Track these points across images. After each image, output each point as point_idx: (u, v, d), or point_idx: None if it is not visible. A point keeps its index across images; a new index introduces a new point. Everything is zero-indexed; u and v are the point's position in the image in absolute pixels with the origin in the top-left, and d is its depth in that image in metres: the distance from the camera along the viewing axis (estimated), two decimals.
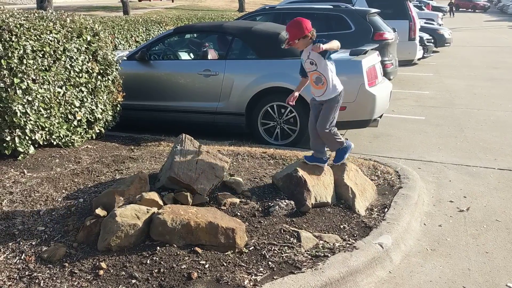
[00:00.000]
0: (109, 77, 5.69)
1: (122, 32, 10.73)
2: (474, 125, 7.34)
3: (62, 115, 5.04)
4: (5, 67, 4.36)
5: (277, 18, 9.56)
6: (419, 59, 14.29)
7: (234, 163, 4.76)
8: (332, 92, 3.99)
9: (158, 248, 3.15)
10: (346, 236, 3.51)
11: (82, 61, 5.26)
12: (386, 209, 3.99)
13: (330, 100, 4.00)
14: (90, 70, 5.39)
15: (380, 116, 6.19)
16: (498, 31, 28.13)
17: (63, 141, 5.04)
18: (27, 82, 4.54)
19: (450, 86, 10.84)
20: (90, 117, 5.43)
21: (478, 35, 25.20)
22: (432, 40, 15.72)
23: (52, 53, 4.86)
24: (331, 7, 9.55)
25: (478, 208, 4.33)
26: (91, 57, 5.44)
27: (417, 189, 4.44)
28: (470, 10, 50.29)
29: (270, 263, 3.10)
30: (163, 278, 2.89)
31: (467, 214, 4.21)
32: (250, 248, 3.26)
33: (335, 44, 3.84)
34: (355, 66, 5.80)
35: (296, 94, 4.24)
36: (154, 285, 2.83)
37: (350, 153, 4.34)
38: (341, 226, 3.66)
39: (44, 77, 4.74)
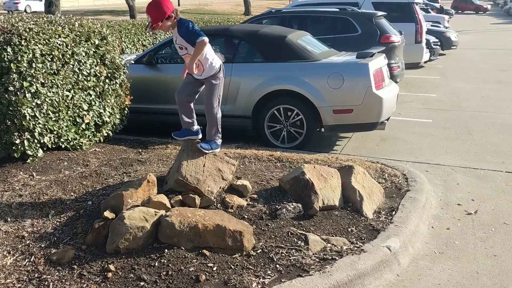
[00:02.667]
0: (116, 80, 5.73)
1: (129, 36, 10.79)
2: (482, 128, 7.31)
3: (71, 119, 5.08)
4: (14, 71, 4.40)
5: (283, 22, 9.58)
6: (425, 62, 14.24)
7: (241, 166, 4.77)
8: (209, 71, 3.90)
9: (166, 250, 3.17)
10: (354, 239, 3.50)
11: (90, 64, 5.30)
12: (394, 212, 3.98)
13: (209, 77, 3.93)
14: (98, 74, 5.42)
15: (387, 119, 6.19)
16: (505, 33, 28.01)
17: (71, 144, 5.07)
18: (36, 86, 4.57)
19: (457, 89, 10.80)
20: (98, 120, 5.46)
21: (485, 37, 25.10)
22: (439, 43, 15.67)
23: (61, 57, 4.90)
24: (338, 10, 9.56)
25: (486, 211, 4.31)
26: (99, 60, 5.47)
27: (425, 192, 4.43)
28: (472, 12, 50.08)
29: (277, 266, 3.10)
30: (171, 281, 2.90)
31: (475, 217, 4.19)
32: (258, 251, 3.26)
33: (199, 51, 3.72)
34: (362, 69, 5.80)
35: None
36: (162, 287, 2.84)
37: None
38: (349, 229, 3.66)
39: (52, 80, 4.78)
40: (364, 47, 6.79)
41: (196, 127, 4.21)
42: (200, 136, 4.20)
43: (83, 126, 5.23)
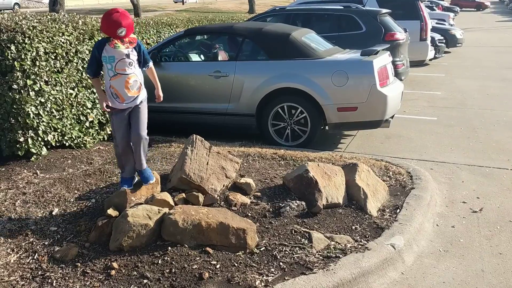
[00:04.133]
0: None
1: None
2: (487, 125, 7.27)
3: (74, 117, 5.08)
4: (18, 69, 4.41)
5: (288, 19, 9.55)
6: (430, 60, 14.17)
7: (245, 164, 4.76)
8: (143, 92, 3.61)
9: (169, 248, 3.16)
10: (358, 237, 3.49)
11: None
12: (398, 210, 3.96)
13: (143, 102, 3.60)
14: (102, 72, 5.42)
15: (392, 117, 6.15)
16: (511, 31, 27.85)
17: (75, 142, 5.08)
18: (40, 84, 4.58)
19: (462, 86, 10.75)
20: (102, 119, 5.47)
21: (490, 35, 24.96)
22: (444, 41, 15.59)
23: (65, 55, 4.91)
24: (342, 7, 9.52)
25: (492, 209, 4.28)
26: None
27: (430, 190, 4.40)
28: (473, 9, 49.74)
29: (281, 263, 3.09)
30: (174, 278, 2.90)
31: (480, 215, 4.16)
32: (261, 249, 3.25)
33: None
34: (366, 67, 5.77)
35: (106, 97, 3.54)
36: (165, 285, 2.84)
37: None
38: (353, 227, 3.64)
39: (56, 78, 4.78)
40: (369, 45, 6.76)
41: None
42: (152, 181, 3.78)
43: (87, 124, 5.24)
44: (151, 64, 3.67)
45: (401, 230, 3.60)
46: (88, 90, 5.23)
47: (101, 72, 3.58)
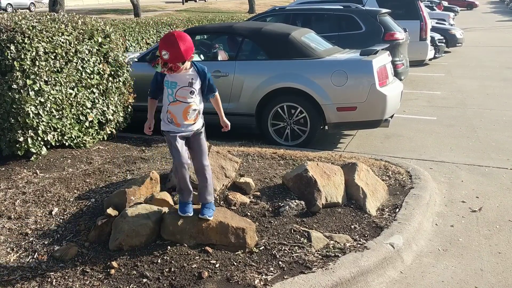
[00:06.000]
0: (120, 78, 5.73)
1: (133, 34, 10.81)
2: (487, 125, 7.27)
3: (74, 116, 5.09)
4: (18, 69, 4.41)
5: (287, 19, 9.56)
6: (430, 60, 14.17)
7: (244, 164, 4.76)
8: (200, 122, 3.31)
9: (169, 247, 3.17)
10: (357, 236, 3.49)
11: (93, 62, 5.31)
12: (397, 209, 3.96)
13: (200, 131, 3.30)
14: (102, 72, 5.43)
15: (391, 117, 6.16)
16: (511, 31, 27.84)
17: (74, 142, 5.09)
18: (40, 84, 4.59)
19: (462, 86, 10.75)
20: (102, 118, 5.47)
21: (490, 35, 24.96)
22: (444, 40, 15.59)
23: (64, 55, 4.91)
24: (342, 7, 9.53)
25: (491, 208, 4.28)
26: (102, 58, 5.48)
27: (429, 189, 4.41)
28: (465, 8, 49.60)
29: (280, 263, 3.09)
30: (174, 277, 2.90)
31: (479, 215, 4.17)
32: (261, 248, 3.26)
33: (220, 104, 3.42)
34: (365, 66, 5.78)
35: (153, 120, 3.44)
36: (165, 284, 2.84)
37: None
38: (352, 226, 3.65)
39: (56, 78, 4.79)
40: (368, 45, 6.76)
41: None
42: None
43: (87, 124, 5.24)
44: (216, 93, 3.32)
45: (400, 230, 3.61)
46: (88, 90, 5.23)
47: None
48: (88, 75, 5.22)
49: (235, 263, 3.06)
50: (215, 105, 3.41)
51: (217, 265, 3.03)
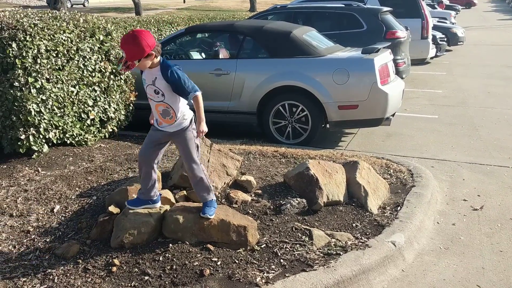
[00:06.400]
0: (121, 76, 5.74)
1: None
2: (488, 123, 7.27)
3: (76, 114, 5.09)
4: (19, 67, 4.42)
5: (289, 17, 9.56)
6: (432, 58, 14.16)
7: (246, 162, 4.76)
8: (179, 125, 3.22)
9: (170, 245, 3.17)
10: (359, 235, 3.49)
11: (95, 60, 5.31)
12: (399, 208, 3.96)
13: (179, 132, 3.23)
14: (103, 70, 5.43)
15: (393, 115, 6.16)
16: None
17: (76, 140, 5.09)
18: (41, 82, 4.59)
19: (463, 85, 10.74)
20: (103, 116, 5.48)
21: (492, 33, 24.92)
22: (445, 39, 15.57)
23: (66, 53, 4.91)
24: (343, 5, 9.52)
25: (492, 207, 4.28)
26: (104, 56, 5.48)
27: (430, 188, 4.41)
28: (463, 7, 49.47)
29: (282, 260, 3.09)
30: (175, 275, 2.90)
31: (481, 213, 4.16)
32: (262, 246, 3.26)
33: (200, 106, 3.21)
34: (367, 64, 5.77)
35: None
36: (166, 282, 2.85)
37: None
38: (354, 225, 3.65)
39: (57, 76, 4.79)
40: (370, 43, 6.76)
41: (156, 194, 3.43)
42: (159, 204, 3.43)
43: (88, 122, 5.25)
44: (196, 94, 3.15)
45: (402, 228, 3.61)
46: (89, 88, 5.24)
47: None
48: (89, 73, 5.23)
49: (237, 261, 3.07)
50: (195, 106, 3.21)
51: (218, 263, 3.03)
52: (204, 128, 3.21)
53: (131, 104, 5.98)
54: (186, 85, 3.08)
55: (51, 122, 4.74)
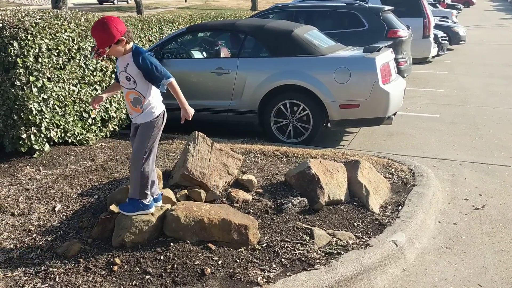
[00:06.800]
0: None
1: (135, 32, 10.77)
2: (490, 123, 7.25)
3: (77, 113, 5.09)
4: (21, 66, 4.42)
5: (290, 16, 9.55)
6: (433, 57, 14.14)
7: (247, 161, 4.76)
8: (147, 116, 3.17)
9: (171, 244, 3.17)
10: (360, 234, 3.49)
11: (96, 59, 5.31)
12: (400, 207, 3.96)
13: (145, 124, 3.19)
14: (104, 69, 5.44)
15: (394, 114, 6.15)
16: None
17: (77, 139, 5.09)
18: (43, 81, 4.59)
19: (465, 84, 10.72)
20: (104, 116, 5.48)
21: (494, 32, 24.87)
22: (447, 38, 15.55)
23: (67, 52, 4.91)
24: (345, 4, 9.51)
25: (494, 206, 4.27)
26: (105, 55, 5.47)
27: (432, 187, 4.40)
28: (462, 6, 49.36)
29: (283, 260, 3.09)
30: (176, 274, 2.90)
31: (482, 212, 4.16)
32: (263, 245, 3.26)
33: (179, 92, 3.15)
34: (368, 63, 5.76)
35: (104, 96, 3.38)
36: (167, 281, 2.85)
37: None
38: (355, 224, 3.64)
39: (59, 75, 4.79)
40: (371, 42, 6.75)
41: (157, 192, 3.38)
42: (152, 210, 3.33)
43: (90, 121, 5.25)
44: (170, 81, 3.07)
45: (403, 227, 3.60)
46: (91, 87, 5.24)
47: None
48: (91, 72, 5.23)
49: (238, 260, 3.06)
50: (173, 94, 3.15)
51: (219, 262, 3.03)
52: (190, 110, 3.18)
53: None
54: (157, 71, 3.03)
55: (53, 121, 4.74)
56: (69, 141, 5.01)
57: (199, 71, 6.44)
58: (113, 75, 5.56)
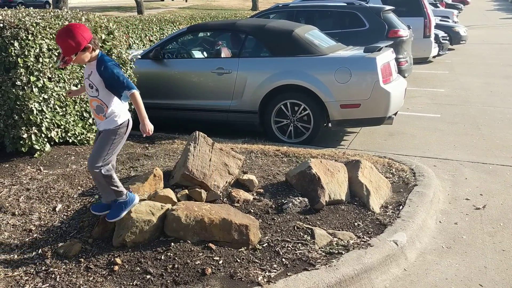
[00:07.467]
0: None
1: (136, 32, 10.81)
2: (490, 122, 7.25)
3: (78, 113, 5.09)
4: (21, 66, 4.42)
5: (291, 16, 9.55)
6: (434, 57, 14.14)
7: (248, 161, 4.76)
8: (110, 123, 3.10)
9: (172, 244, 3.17)
10: (361, 234, 3.49)
11: None
12: (401, 207, 3.95)
13: (107, 131, 3.12)
14: None
15: (395, 114, 6.15)
16: None
17: (78, 139, 5.09)
18: (43, 80, 4.59)
19: (465, 84, 10.72)
20: None
21: (494, 32, 24.86)
22: (448, 38, 15.55)
23: None
24: (345, 4, 9.51)
25: (495, 206, 4.27)
26: None
27: (433, 187, 4.40)
28: (459, 5, 49.24)
29: (283, 259, 3.09)
30: (177, 274, 2.90)
31: (483, 212, 4.15)
32: (264, 245, 3.26)
33: (140, 104, 3.06)
34: (369, 63, 5.76)
35: (77, 92, 3.61)
36: (168, 281, 2.85)
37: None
38: (355, 224, 3.64)
39: (59, 75, 4.79)
40: (372, 42, 6.75)
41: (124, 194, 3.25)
42: (137, 200, 3.32)
43: (90, 120, 5.25)
44: (132, 92, 3.00)
45: (404, 227, 3.60)
46: None
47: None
48: None
49: (238, 260, 3.06)
50: (134, 106, 3.08)
51: (220, 262, 3.03)
52: (149, 126, 3.10)
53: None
54: (120, 81, 2.97)
55: (53, 121, 4.74)
56: (70, 141, 5.01)
57: (199, 71, 6.44)
58: None
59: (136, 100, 3.03)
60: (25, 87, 4.45)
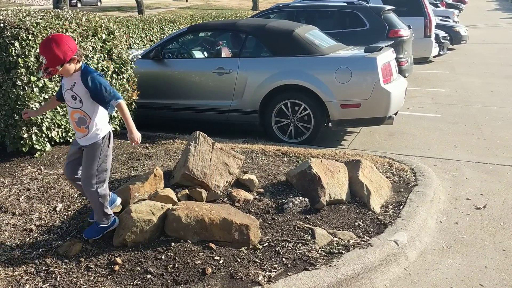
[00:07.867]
0: (124, 75, 5.74)
1: (136, 32, 10.81)
2: (491, 122, 7.24)
3: None
4: (22, 65, 4.42)
5: (291, 16, 9.55)
6: (434, 57, 14.13)
7: (248, 161, 4.76)
8: (91, 138, 3.06)
9: (172, 243, 3.17)
10: (361, 233, 3.49)
11: (97, 59, 5.31)
12: (401, 206, 3.95)
13: (90, 146, 3.07)
14: (105, 69, 5.43)
15: (395, 114, 6.15)
16: None
17: None
18: (44, 80, 4.60)
19: (466, 83, 10.71)
20: None
21: (495, 32, 24.84)
22: (448, 38, 15.53)
23: None
24: (346, 4, 9.51)
25: (495, 206, 4.27)
26: (106, 55, 5.49)
27: (433, 187, 4.39)
28: (460, 4, 49.22)
29: (284, 259, 3.09)
30: (177, 274, 2.90)
31: (483, 212, 4.15)
32: (264, 245, 3.26)
33: (127, 113, 3.06)
34: (369, 63, 5.76)
35: (37, 113, 3.60)
36: (168, 281, 2.85)
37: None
38: (356, 223, 3.64)
39: (60, 75, 4.79)
40: (372, 42, 6.75)
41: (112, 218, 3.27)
42: (116, 224, 3.30)
43: None
44: (118, 102, 2.99)
45: (404, 227, 3.60)
46: None
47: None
48: None
49: (239, 260, 3.06)
50: (121, 115, 3.09)
51: (220, 262, 3.03)
52: (137, 135, 3.08)
53: (134, 103, 5.98)
54: (106, 92, 2.94)
55: (54, 121, 4.74)
56: (70, 141, 5.01)
57: (200, 71, 6.44)
58: (114, 75, 5.56)
59: (123, 109, 3.02)
60: (26, 87, 4.46)
